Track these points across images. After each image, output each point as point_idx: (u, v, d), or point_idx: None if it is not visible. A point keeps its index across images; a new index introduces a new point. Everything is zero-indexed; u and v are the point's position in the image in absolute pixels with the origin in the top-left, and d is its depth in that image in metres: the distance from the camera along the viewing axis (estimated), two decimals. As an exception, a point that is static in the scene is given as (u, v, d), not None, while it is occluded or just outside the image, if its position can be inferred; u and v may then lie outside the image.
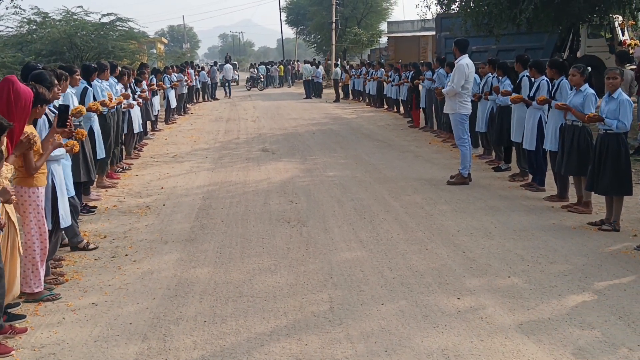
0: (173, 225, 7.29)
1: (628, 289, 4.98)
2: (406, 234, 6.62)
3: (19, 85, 4.57)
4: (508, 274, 5.35)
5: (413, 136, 14.78)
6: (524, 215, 7.27)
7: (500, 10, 14.53)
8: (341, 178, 9.69)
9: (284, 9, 56.26)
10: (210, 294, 5.09)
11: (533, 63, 8.60)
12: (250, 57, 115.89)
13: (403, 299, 4.87)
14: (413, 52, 38.79)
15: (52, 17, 21.81)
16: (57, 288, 5.26)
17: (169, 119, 18.89)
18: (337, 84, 28.25)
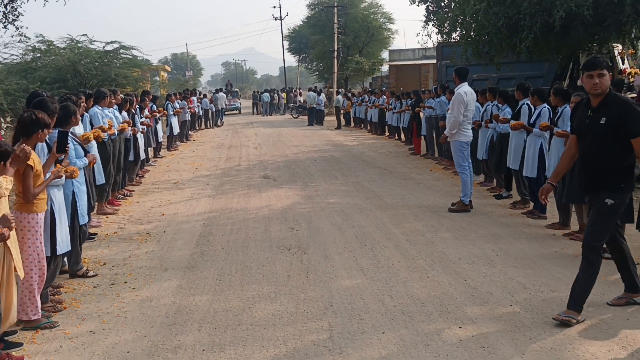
0: (173, 252, 7.26)
1: (631, 318, 4.93)
2: (407, 262, 6.58)
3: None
4: (510, 303, 5.31)
5: (414, 163, 14.80)
6: (526, 243, 7.24)
7: (500, 39, 14.63)
8: (342, 205, 9.68)
9: (286, 37, 56.78)
10: (209, 322, 5.05)
11: (535, 91, 8.65)
12: (252, 84, 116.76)
13: (404, 328, 4.82)
14: (414, 80, 39.02)
15: (56, 45, 22.04)
16: (55, 315, 5.22)
17: (171, 145, 18.96)
18: (338, 111, 28.39)
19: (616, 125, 4.73)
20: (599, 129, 4.82)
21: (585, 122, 4.96)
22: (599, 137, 4.84)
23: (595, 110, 4.90)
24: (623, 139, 4.76)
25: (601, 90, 4.81)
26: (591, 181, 4.97)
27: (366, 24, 45.15)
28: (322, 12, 44.71)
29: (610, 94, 4.87)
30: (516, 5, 13.53)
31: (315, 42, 46.26)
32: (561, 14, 12.41)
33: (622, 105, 4.80)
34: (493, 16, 13.96)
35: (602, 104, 4.86)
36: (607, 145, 4.81)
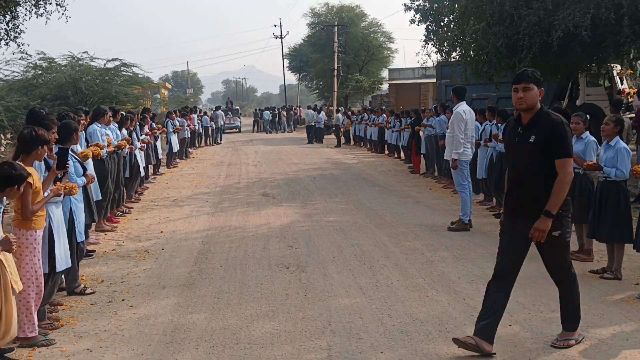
0: (171, 269, 7.24)
1: (631, 339, 4.90)
2: (406, 281, 6.56)
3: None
4: (509, 323, 5.28)
5: (414, 182, 14.81)
6: (526, 263, 7.12)
7: (499, 58, 14.73)
8: (341, 223, 9.66)
9: (286, 55, 57.12)
10: (206, 341, 5.02)
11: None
12: (253, 102, 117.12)
13: (403, 347, 4.79)
14: (414, 98, 39.20)
15: (57, 62, 22.15)
16: (52, 333, 5.19)
17: (170, 163, 18.98)
18: (338, 129, 28.47)
19: (544, 144, 4.47)
20: (528, 148, 4.53)
21: (515, 140, 4.69)
22: (528, 156, 4.55)
23: (525, 128, 4.61)
24: (551, 160, 4.50)
25: (526, 105, 4.53)
26: (519, 204, 4.66)
27: (366, 43, 45.45)
28: (322, 31, 45.03)
29: (541, 111, 4.58)
30: (515, 25, 13.63)
31: (316, 61, 46.53)
32: (559, 35, 12.50)
33: (552, 123, 4.50)
34: (492, 36, 14.06)
35: (532, 120, 4.57)
36: (537, 165, 4.52)
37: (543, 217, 4.46)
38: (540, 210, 4.48)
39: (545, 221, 4.46)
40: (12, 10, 15.58)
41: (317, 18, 48.11)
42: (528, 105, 4.53)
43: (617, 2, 11.98)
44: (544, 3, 12.96)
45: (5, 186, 4.36)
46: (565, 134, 4.46)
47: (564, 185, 4.43)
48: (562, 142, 4.44)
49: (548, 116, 4.54)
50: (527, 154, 4.55)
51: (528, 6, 13.37)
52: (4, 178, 4.35)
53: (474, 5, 14.81)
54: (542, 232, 4.48)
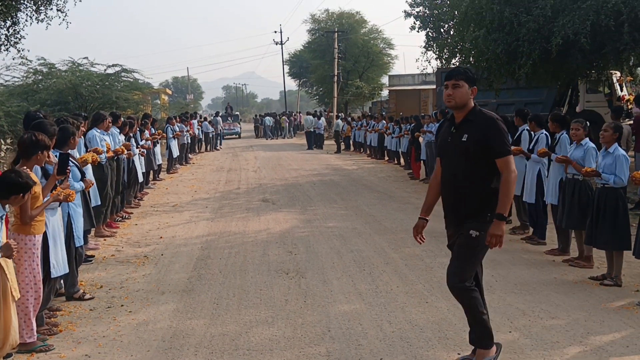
0: (170, 275, 7.23)
1: (631, 345, 4.89)
2: (406, 287, 6.54)
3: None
4: (509, 329, 5.27)
5: (413, 188, 14.80)
6: (525, 269, 7.21)
7: (499, 65, 14.74)
8: (341, 229, 9.65)
9: (287, 61, 57.21)
10: (205, 347, 5.00)
11: (533, 117, 8.69)
12: (253, 108, 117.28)
13: (402, 354, 4.78)
14: (414, 105, 39.27)
15: (58, 68, 22.14)
16: (51, 339, 5.18)
17: (170, 168, 18.99)
18: (338, 135, 28.49)
19: (479, 143, 4.25)
20: (461, 148, 4.33)
21: (448, 140, 4.47)
22: (462, 156, 4.34)
23: (458, 127, 4.40)
24: (488, 159, 4.27)
25: (455, 103, 4.33)
26: (454, 209, 4.50)
27: (366, 49, 45.52)
28: (322, 37, 45.09)
29: (474, 109, 4.36)
30: (515, 32, 13.65)
31: (316, 67, 46.59)
32: (559, 41, 12.51)
33: (487, 121, 4.29)
34: (492, 43, 14.08)
35: (465, 119, 4.36)
36: (471, 166, 4.31)
37: (496, 222, 4.24)
38: (477, 214, 4.32)
39: (499, 225, 4.23)
40: (12, 15, 15.58)
41: (317, 24, 48.19)
42: (457, 102, 4.33)
43: (616, 9, 12.00)
44: (544, 10, 12.99)
45: (10, 194, 4.36)
46: (501, 131, 4.26)
47: (510, 184, 4.23)
48: (500, 140, 4.25)
49: (482, 114, 4.35)
50: (460, 154, 4.35)
51: (528, 13, 13.41)
52: (10, 185, 4.35)
53: (474, 12, 14.83)
54: (498, 237, 4.23)
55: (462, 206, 4.42)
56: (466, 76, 4.35)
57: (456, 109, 4.38)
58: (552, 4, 12.86)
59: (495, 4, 13.78)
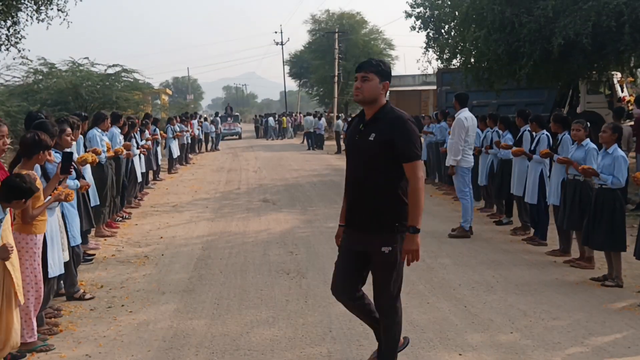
0: (171, 275, 7.21)
1: (632, 346, 4.88)
2: (407, 287, 6.51)
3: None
4: (510, 330, 5.26)
5: (414, 188, 14.75)
6: (526, 270, 7.20)
7: (500, 65, 14.74)
8: (342, 230, 9.62)
9: (287, 62, 57.19)
10: (206, 347, 4.99)
11: (534, 117, 8.69)
12: (253, 108, 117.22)
13: (403, 354, 4.75)
14: (414, 105, 39.20)
15: (58, 68, 22.13)
16: (51, 339, 5.17)
17: (171, 168, 18.99)
18: (338, 136, 28.48)
19: (386, 144, 3.85)
20: (368, 148, 3.92)
21: (355, 138, 4.06)
22: (368, 158, 3.94)
23: (366, 125, 4.00)
24: (394, 162, 3.89)
25: (362, 97, 3.95)
26: (358, 216, 4.03)
27: (367, 49, 45.48)
28: (323, 37, 45.09)
29: (386, 107, 3.99)
30: (516, 32, 13.65)
31: (316, 67, 46.57)
32: (560, 42, 12.51)
33: (395, 121, 3.90)
34: (493, 43, 14.08)
35: (374, 117, 3.97)
36: (378, 169, 3.90)
37: (409, 236, 3.87)
38: (382, 222, 3.93)
39: (414, 239, 3.87)
40: (13, 15, 15.57)
41: (317, 25, 48.20)
42: (365, 97, 3.96)
43: (618, 10, 12.00)
44: (545, 10, 12.98)
45: (13, 198, 4.34)
46: (411, 133, 3.88)
47: (418, 192, 3.85)
48: (408, 142, 3.86)
49: (392, 113, 3.97)
50: (366, 155, 3.95)
51: (529, 13, 13.40)
52: (14, 189, 4.33)
53: (475, 13, 14.84)
54: (414, 251, 3.88)
55: (368, 213, 3.97)
56: (377, 69, 3.96)
57: (364, 103, 4.01)
58: (554, 5, 12.85)
59: (497, 5, 13.78)
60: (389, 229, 3.92)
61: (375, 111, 3.98)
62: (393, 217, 3.91)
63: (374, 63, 4.00)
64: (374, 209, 3.94)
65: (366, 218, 3.98)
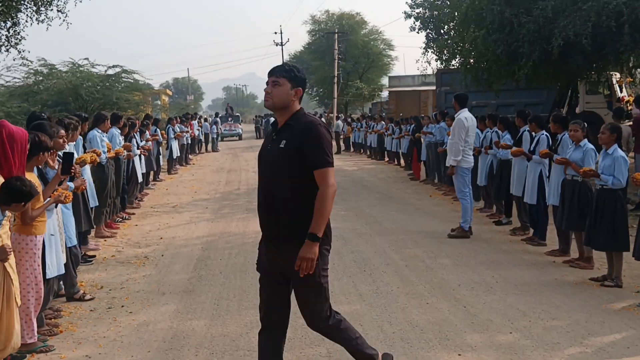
0: (171, 276, 7.22)
1: (632, 347, 4.89)
2: (406, 288, 6.54)
3: (11, 127, 4.54)
4: (510, 330, 5.27)
5: (414, 189, 14.80)
6: (526, 270, 7.21)
7: (499, 66, 14.76)
8: (341, 230, 9.64)
9: (287, 62, 57.19)
10: (206, 347, 5.00)
11: (533, 118, 8.70)
12: (253, 109, 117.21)
13: (403, 355, 4.77)
14: (414, 106, 39.23)
15: (58, 69, 22.17)
16: (51, 339, 5.18)
17: (171, 169, 19.00)
18: (338, 136, 28.50)
19: (296, 151, 3.67)
20: (279, 156, 3.73)
21: (268, 146, 3.88)
22: (279, 166, 3.73)
23: (278, 132, 3.83)
24: (306, 171, 3.68)
25: (272, 102, 3.77)
26: (269, 227, 3.86)
27: (366, 50, 45.56)
28: (322, 38, 45.14)
29: (298, 113, 3.81)
30: (515, 33, 13.66)
31: (316, 68, 46.62)
32: (560, 42, 12.52)
33: (305, 127, 3.72)
34: (492, 43, 14.09)
35: (286, 124, 3.80)
36: (289, 177, 3.70)
37: (308, 242, 3.63)
38: (296, 235, 3.69)
39: (311, 247, 3.63)
40: (13, 16, 15.59)
41: (317, 25, 48.28)
42: (275, 102, 3.77)
43: (617, 10, 12.00)
44: (544, 11, 13.00)
45: (12, 201, 4.35)
46: (320, 139, 3.69)
47: (326, 200, 3.64)
48: (318, 149, 3.67)
49: (303, 118, 3.79)
50: (277, 163, 3.75)
51: (528, 14, 13.42)
52: (13, 193, 4.33)
53: (474, 13, 14.85)
54: (309, 260, 3.63)
55: (280, 225, 3.78)
56: (289, 75, 3.80)
57: (274, 109, 3.83)
58: (553, 5, 12.87)
59: (496, 5, 13.80)
60: (302, 242, 3.66)
61: (287, 118, 3.81)
62: (306, 229, 3.66)
63: (286, 68, 3.83)
64: (287, 221, 3.73)
65: (279, 228, 3.78)
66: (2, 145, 4.44)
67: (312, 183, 3.69)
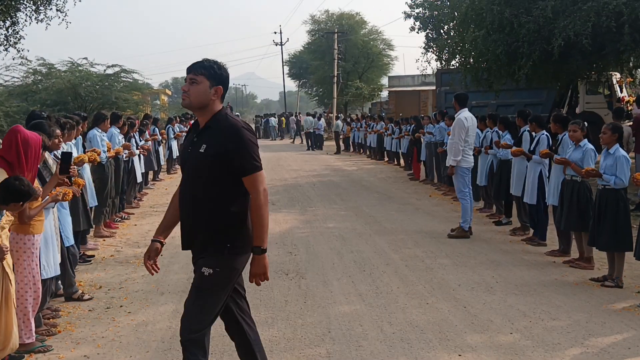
0: (170, 275, 7.20)
1: (632, 347, 4.87)
2: (406, 288, 6.52)
3: (26, 132, 4.59)
4: (510, 330, 5.25)
5: (413, 189, 14.78)
6: (526, 270, 7.19)
7: (499, 66, 14.73)
8: (341, 230, 9.63)
9: (286, 62, 57.15)
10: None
11: (533, 118, 8.68)
12: (252, 109, 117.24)
13: (403, 355, 4.76)
14: (414, 106, 39.20)
15: (57, 68, 22.15)
16: (49, 339, 5.15)
17: (170, 168, 18.98)
18: (338, 136, 28.49)
19: (219, 157, 3.43)
20: (199, 160, 3.49)
21: (188, 149, 3.63)
22: (200, 171, 3.50)
23: (199, 135, 3.58)
24: (231, 177, 3.46)
25: (189, 102, 3.52)
26: (189, 235, 3.61)
27: (366, 50, 45.52)
28: (322, 38, 45.11)
29: (219, 114, 3.55)
30: (515, 33, 13.64)
31: (316, 68, 46.59)
32: (560, 43, 12.50)
33: (228, 130, 3.47)
34: (492, 43, 14.07)
35: (207, 126, 3.55)
36: (210, 184, 3.47)
37: (255, 258, 3.50)
38: (211, 242, 3.50)
39: (259, 261, 3.50)
40: (12, 15, 15.57)
41: (317, 25, 48.23)
42: (192, 102, 3.52)
43: (617, 10, 11.98)
44: (544, 11, 12.97)
45: (10, 201, 4.33)
46: (246, 143, 3.46)
47: (261, 209, 3.45)
48: (245, 154, 3.45)
49: (225, 121, 3.53)
50: (198, 168, 3.52)
51: (528, 14, 13.39)
52: (12, 192, 4.31)
53: (474, 13, 14.83)
54: (261, 275, 3.55)
55: (199, 233, 3.54)
56: (208, 72, 3.53)
57: (192, 109, 3.61)
58: (553, 5, 12.84)
59: (496, 5, 13.77)
60: (217, 250, 3.47)
61: (208, 119, 3.55)
62: (225, 238, 3.47)
63: (205, 64, 3.56)
64: (205, 227, 3.50)
65: (198, 237, 3.55)
66: (16, 150, 4.50)
67: (233, 190, 3.48)
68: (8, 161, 4.53)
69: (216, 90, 3.54)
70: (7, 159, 4.54)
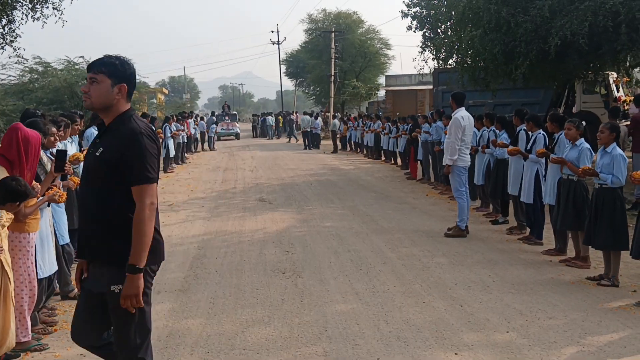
0: (166, 274, 7.19)
1: (628, 346, 4.88)
2: (403, 287, 6.52)
3: (27, 131, 4.59)
4: (506, 329, 5.25)
5: (410, 188, 14.79)
6: (522, 269, 7.20)
7: (496, 65, 14.75)
8: (338, 229, 9.63)
9: (283, 61, 57.15)
10: (201, 346, 4.98)
11: (530, 117, 8.68)
12: (249, 108, 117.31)
13: (399, 354, 4.76)
14: (411, 105, 39.21)
15: (53, 67, 22.10)
16: (45, 338, 5.15)
17: (167, 167, 18.96)
18: (335, 135, 28.48)
19: (113, 162, 3.18)
20: (96, 165, 3.25)
21: (90, 149, 3.40)
22: (96, 176, 3.25)
23: (101, 137, 3.35)
24: (124, 185, 3.20)
25: (90, 102, 3.24)
26: (89, 245, 3.32)
27: (363, 49, 45.55)
28: (319, 37, 45.12)
29: (123, 116, 3.29)
30: (512, 32, 13.65)
31: (313, 67, 46.61)
32: (557, 42, 12.51)
33: (126, 134, 3.21)
34: (489, 43, 14.08)
35: (109, 128, 3.31)
36: (107, 191, 3.21)
37: (129, 276, 3.14)
38: (111, 255, 3.23)
39: (133, 281, 3.14)
40: (8, 13, 15.53)
41: (314, 24, 48.25)
42: (93, 103, 3.25)
43: (614, 9, 12.00)
44: (541, 10, 12.99)
45: (7, 201, 4.32)
46: (144, 150, 3.19)
47: (143, 223, 3.15)
48: (138, 162, 3.17)
49: (126, 124, 3.26)
50: (94, 173, 3.28)
51: (525, 13, 13.40)
52: (8, 192, 4.30)
53: (471, 12, 14.84)
54: (133, 297, 3.15)
55: (97, 242, 3.28)
56: (109, 69, 3.25)
57: (95, 110, 3.38)
58: (550, 5, 12.86)
59: (493, 4, 13.78)
60: (120, 264, 3.18)
61: (112, 120, 3.31)
62: (126, 251, 3.17)
63: (105, 61, 3.27)
64: (103, 238, 3.24)
65: (95, 248, 3.29)
66: (17, 148, 4.50)
67: (128, 200, 3.21)
68: (9, 159, 4.53)
69: (120, 88, 3.28)
70: (7, 157, 4.54)
